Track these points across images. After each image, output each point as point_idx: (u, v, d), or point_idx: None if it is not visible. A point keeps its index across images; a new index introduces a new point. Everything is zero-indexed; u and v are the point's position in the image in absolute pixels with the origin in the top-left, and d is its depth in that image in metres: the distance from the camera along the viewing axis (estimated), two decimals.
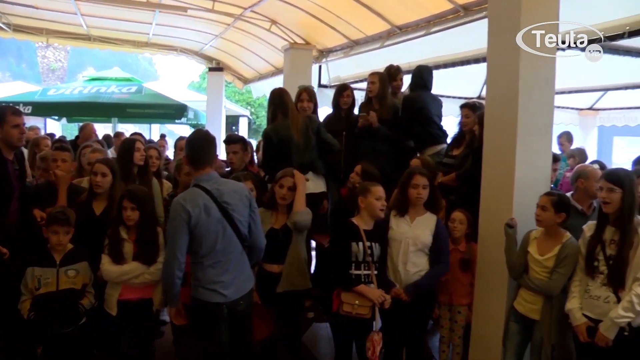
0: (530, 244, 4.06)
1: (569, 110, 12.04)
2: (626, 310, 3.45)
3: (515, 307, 4.14)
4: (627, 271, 3.53)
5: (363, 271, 4.07)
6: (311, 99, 5.79)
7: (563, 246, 3.90)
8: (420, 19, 7.02)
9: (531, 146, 4.31)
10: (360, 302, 3.99)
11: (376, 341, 3.99)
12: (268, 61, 12.04)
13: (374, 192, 4.12)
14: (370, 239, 4.11)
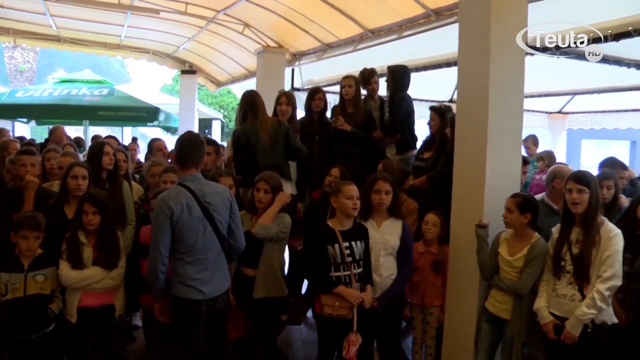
0: (500, 245, 4.15)
1: (539, 114, 12.24)
2: (589, 307, 3.58)
3: (487, 307, 4.20)
4: (590, 270, 3.65)
5: (342, 272, 4.07)
6: (290, 103, 5.82)
7: (532, 246, 4.00)
8: (392, 23, 7.07)
9: (501, 149, 4.38)
10: (340, 303, 4.02)
11: (352, 341, 4.01)
12: (241, 64, 12.01)
13: (345, 191, 4.12)
14: (349, 239, 4.12)
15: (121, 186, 4.90)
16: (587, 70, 6.85)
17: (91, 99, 11.67)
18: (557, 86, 9.55)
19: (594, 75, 7.84)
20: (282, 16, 8.61)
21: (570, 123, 12.55)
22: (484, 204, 4.31)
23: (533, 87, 9.06)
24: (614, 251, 3.60)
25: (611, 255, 3.59)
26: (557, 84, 9.31)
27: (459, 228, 4.60)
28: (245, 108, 5.44)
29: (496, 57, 4.32)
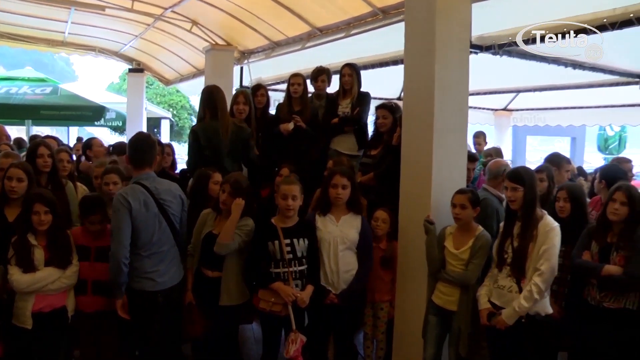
0: (446, 239, 4.25)
1: (485, 111, 12.55)
2: (527, 300, 3.73)
3: (433, 300, 4.28)
4: (527, 263, 3.80)
5: (281, 269, 4.10)
6: (247, 102, 5.73)
7: (476, 239, 4.12)
8: (340, 21, 7.12)
9: (447, 145, 4.46)
10: (275, 299, 4.06)
11: (292, 340, 4.03)
12: (189, 62, 11.87)
13: (282, 190, 4.16)
14: (291, 236, 4.14)
15: (63, 187, 4.77)
16: (530, 68, 7.02)
17: (33, 98, 11.33)
18: (502, 84, 9.79)
19: (536, 74, 8.04)
20: (231, 14, 8.55)
21: (515, 120, 12.93)
22: (431, 200, 4.39)
23: (479, 84, 9.29)
24: (550, 245, 3.75)
25: (548, 249, 3.74)
26: (502, 82, 9.54)
27: (407, 224, 4.67)
28: (204, 106, 5.36)
29: (441, 55, 4.39)
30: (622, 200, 3.88)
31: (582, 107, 11.33)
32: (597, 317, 3.89)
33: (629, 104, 9.83)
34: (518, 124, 13.23)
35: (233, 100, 5.78)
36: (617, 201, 3.90)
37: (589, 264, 3.96)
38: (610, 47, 6.13)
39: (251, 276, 4.24)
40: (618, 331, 3.80)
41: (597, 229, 4.06)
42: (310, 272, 4.20)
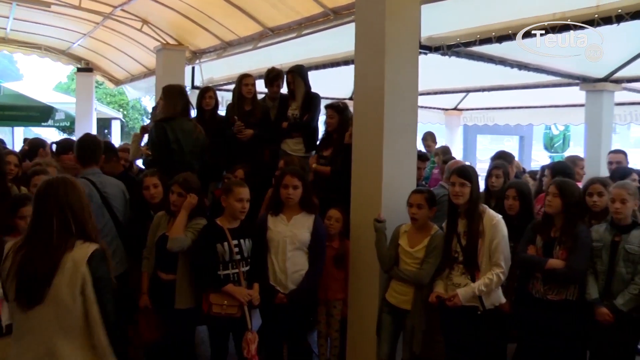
0: (400, 238, 4.28)
1: (436, 110, 12.77)
2: (486, 286, 3.89)
3: (387, 299, 4.33)
4: (479, 258, 3.92)
5: (231, 270, 4.09)
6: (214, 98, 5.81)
7: (432, 238, 4.18)
8: (291, 21, 7.13)
9: (397, 145, 4.51)
10: (228, 302, 4.04)
11: (250, 340, 4.03)
12: (140, 62, 11.69)
13: (236, 193, 4.13)
14: (237, 237, 4.14)
15: (9, 192, 4.63)
16: (478, 69, 7.18)
17: None
18: (452, 84, 9.96)
19: (484, 74, 8.21)
20: (182, 13, 8.46)
21: (465, 119, 13.21)
22: (381, 199, 4.43)
23: (430, 84, 9.44)
24: (501, 237, 3.90)
25: (500, 242, 3.89)
26: (452, 82, 9.71)
27: (359, 222, 4.71)
28: (175, 102, 5.36)
29: (391, 55, 4.43)
30: (555, 192, 4.05)
31: (529, 107, 11.68)
32: (541, 309, 4.05)
33: (572, 104, 10.14)
34: (468, 123, 13.53)
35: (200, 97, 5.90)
36: (551, 194, 4.08)
37: (533, 259, 4.11)
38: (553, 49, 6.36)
39: (201, 281, 4.17)
40: (560, 321, 3.98)
41: (541, 224, 4.22)
42: (254, 272, 4.21)
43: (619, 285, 3.97)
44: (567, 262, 3.95)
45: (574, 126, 11.83)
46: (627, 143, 38.71)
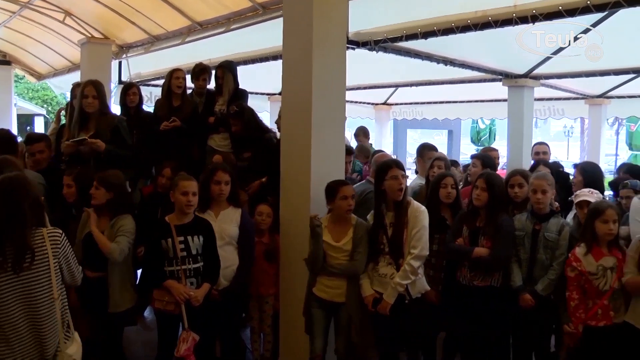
0: (322, 233, 4.28)
1: (366, 105, 12.93)
2: (402, 278, 3.98)
3: (317, 294, 4.32)
4: (405, 249, 4.02)
5: (175, 267, 4.03)
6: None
7: (355, 228, 4.23)
8: (220, 15, 7.04)
9: (325, 139, 4.55)
10: (169, 298, 3.99)
11: (183, 339, 3.98)
12: (64, 56, 11.22)
13: (181, 186, 4.07)
14: (185, 233, 4.07)
15: None
16: (407, 64, 7.31)
17: None
18: (381, 79, 10.10)
19: (413, 69, 8.37)
20: (107, 5, 8.18)
21: (395, 114, 13.46)
22: (310, 193, 4.46)
23: (359, 79, 9.55)
24: (420, 227, 4.01)
25: (418, 231, 3.99)
26: (381, 77, 9.84)
27: (288, 217, 4.73)
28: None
29: (318, 50, 4.46)
30: (483, 186, 4.22)
31: (456, 101, 12.02)
32: (468, 295, 4.24)
33: (496, 99, 10.48)
34: (397, 118, 13.80)
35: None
36: (479, 187, 4.24)
37: (461, 248, 4.28)
38: (477, 46, 6.58)
39: (145, 275, 4.15)
40: (486, 306, 4.17)
41: (467, 214, 4.39)
42: (207, 270, 4.15)
43: (540, 271, 4.20)
44: (492, 251, 4.15)
45: (499, 120, 12.25)
46: (547, 136, 40.45)
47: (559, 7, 4.51)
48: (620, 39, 6.20)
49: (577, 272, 3.96)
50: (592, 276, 3.91)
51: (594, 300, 3.94)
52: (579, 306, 3.96)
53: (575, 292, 3.98)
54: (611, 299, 3.90)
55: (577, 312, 3.96)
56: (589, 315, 3.94)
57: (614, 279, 3.88)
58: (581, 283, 3.97)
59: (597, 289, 3.91)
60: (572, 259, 4.00)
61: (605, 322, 3.91)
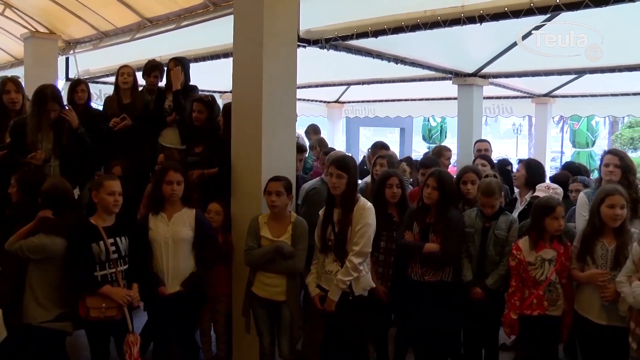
0: (261, 229, 4.28)
1: (318, 103, 12.97)
2: (344, 275, 3.99)
3: (256, 293, 4.31)
4: (348, 246, 4.04)
5: (108, 271, 3.94)
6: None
7: (294, 225, 4.26)
8: (170, 12, 6.94)
9: (276, 137, 4.57)
10: (107, 304, 3.87)
11: (132, 342, 3.91)
12: (5, 50, 10.83)
13: (107, 186, 3.97)
14: (113, 235, 3.99)
15: None
16: (359, 62, 7.35)
17: None
18: (333, 77, 10.13)
19: (365, 67, 8.43)
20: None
21: (347, 112, 13.55)
22: (261, 190, 4.42)
23: (311, 77, 9.57)
24: (364, 223, 4.02)
25: (361, 228, 4.01)
26: (333, 75, 9.88)
27: (239, 215, 4.72)
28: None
29: (269, 48, 4.47)
30: (434, 185, 4.30)
31: (408, 99, 12.19)
32: (419, 291, 4.31)
33: (446, 97, 10.67)
34: (350, 116, 13.89)
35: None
36: (430, 186, 4.31)
37: (412, 244, 4.34)
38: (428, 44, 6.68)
39: (75, 284, 3.93)
40: (437, 300, 4.25)
41: (418, 211, 4.46)
42: (133, 272, 4.08)
43: (490, 266, 4.33)
44: (441, 246, 4.23)
45: (450, 118, 12.46)
46: (497, 134, 41.50)
47: (504, 9, 4.62)
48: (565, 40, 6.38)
49: (517, 261, 4.11)
50: (530, 266, 4.07)
51: (530, 290, 4.10)
52: (515, 293, 4.13)
53: (514, 280, 4.15)
54: (546, 291, 4.06)
55: (513, 299, 4.13)
56: (525, 304, 4.10)
57: (551, 271, 4.04)
58: (520, 272, 4.12)
59: (534, 279, 4.07)
60: (514, 248, 4.16)
61: (539, 312, 4.08)
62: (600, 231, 3.97)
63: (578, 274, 4.04)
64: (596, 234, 3.98)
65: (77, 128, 4.99)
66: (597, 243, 3.96)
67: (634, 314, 3.68)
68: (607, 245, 3.93)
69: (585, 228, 4.09)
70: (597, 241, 3.96)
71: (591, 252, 3.97)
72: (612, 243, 3.92)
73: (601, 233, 3.97)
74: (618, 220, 3.87)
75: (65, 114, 4.94)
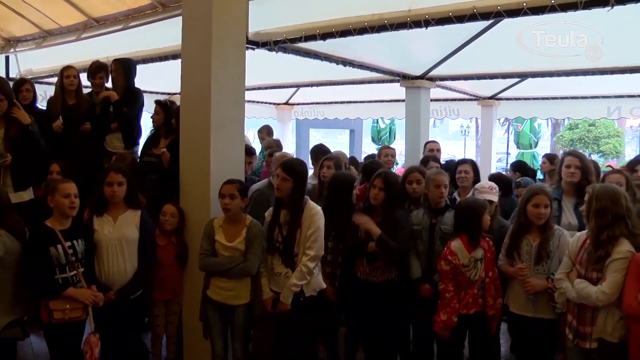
0: (216, 233, 4.27)
1: (268, 105, 12.96)
2: (298, 279, 4.02)
3: (210, 296, 4.30)
4: (296, 248, 4.07)
5: (69, 273, 3.89)
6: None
7: (249, 228, 4.24)
8: (118, 12, 6.81)
9: (225, 138, 4.56)
10: (71, 305, 3.84)
11: (93, 343, 3.87)
12: None
13: (62, 189, 3.93)
14: (70, 238, 3.94)
15: None
16: (308, 64, 7.39)
17: None
18: (283, 79, 10.15)
19: (314, 70, 8.47)
20: None
21: (297, 113, 13.59)
22: (210, 192, 4.45)
23: (261, 79, 9.56)
24: (316, 228, 4.06)
25: (314, 232, 4.04)
26: (283, 77, 9.89)
27: (189, 216, 4.70)
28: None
29: (217, 50, 4.47)
30: (380, 186, 4.39)
31: (357, 101, 12.31)
32: (367, 290, 4.39)
33: (395, 99, 10.83)
34: (299, 118, 13.95)
35: None
36: (377, 187, 4.40)
37: (357, 243, 4.42)
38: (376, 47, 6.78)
39: (37, 289, 3.88)
40: (386, 300, 4.35)
41: (364, 211, 4.53)
42: (89, 273, 4.03)
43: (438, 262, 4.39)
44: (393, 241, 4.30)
45: (399, 120, 12.64)
46: (446, 135, 42.32)
47: (449, 14, 4.75)
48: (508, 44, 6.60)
49: (452, 265, 4.22)
50: (465, 268, 4.21)
51: (466, 291, 4.23)
52: (453, 297, 4.22)
53: (450, 285, 4.24)
54: (480, 288, 4.23)
55: (452, 303, 4.22)
56: (462, 304, 4.22)
57: (482, 269, 4.21)
58: (456, 275, 4.23)
59: (469, 279, 4.22)
60: (448, 252, 4.26)
61: (475, 309, 4.23)
62: (526, 228, 4.21)
63: (508, 268, 4.26)
64: (522, 231, 4.21)
65: (28, 125, 4.93)
66: (523, 240, 4.20)
67: (571, 307, 3.88)
68: (531, 241, 4.17)
69: (513, 225, 4.33)
70: (523, 238, 4.20)
71: (518, 249, 4.21)
72: (536, 239, 4.16)
73: (527, 230, 4.21)
74: (542, 218, 4.11)
75: (13, 113, 4.86)
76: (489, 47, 6.72)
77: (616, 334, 3.64)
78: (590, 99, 9.70)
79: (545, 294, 4.09)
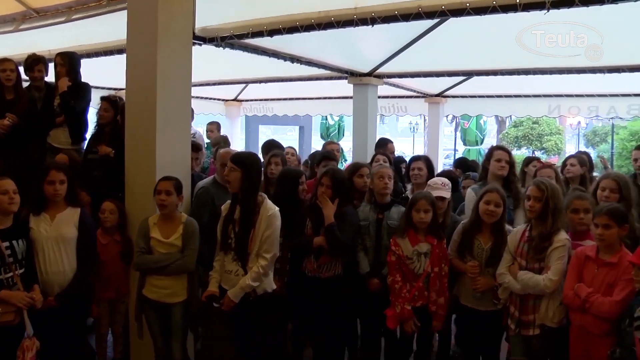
0: (151, 230, 4.25)
1: (216, 101, 12.85)
2: (254, 280, 3.96)
3: (147, 295, 4.27)
4: (250, 247, 4.00)
5: (5, 275, 3.75)
6: None
7: (185, 226, 4.25)
8: (60, 3, 6.59)
9: (170, 135, 4.53)
10: (3, 308, 3.70)
11: (27, 347, 3.74)
12: None
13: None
14: (9, 238, 3.81)
15: None
16: (257, 61, 7.36)
17: None
18: (231, 75, 10.08)
19: (262, 66, 8.43)
20: None
21: (245, 110, 13.52)
22: None
23: (209, 75, 9.47)
24: (273, 229, 4.00)
25: (271, 234, 3.99)
26: (231, 73, 9.82)
27: (134, 213, 4.64)
28: None
29: (163, 45, 4.43)
30: (328, 183, 4.43)
31: (306, 98, 12.32)
32: (315, 287, 4.44)
33: (343, 96, 10.87)
34: (248, 114, 13.88)
35: None
36: (324, 185, 4.44)
37: (301, 240, 4.46)
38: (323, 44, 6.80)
39: None
40: (333, 295, 4.41)
41: (310, 208, 4.57)
42: (29, 274, 3.92)
43: (386, 256, 4.48)
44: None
45: (347, 116, 12.72)
46: (395, 132, 42.84)
47: (395, 12, 4.81)
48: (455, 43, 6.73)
49: (397, 256, 4.32)
50: (408, 260, 4.31)
51: (412, 283, 4.33)
52: (402, 288, 4.32)
53: (398, 275, 4.34)
54: (425, 282, 4.32)
55: (402, 293, 4.32)
56: (409, 297, 4.32)
57: (427, 264, 4.31)
58: (400, 266, 4.34)
59: (413, 272, 4.32)
60: (393, 244, 4.37)
61: (421, 302, 4.34)
62: (478, 227, 4.32)
63: (459, 264, 4.38)
64: (474, 230, 4.32)
65: None
66: (474, 241, 4.31)
67: (514, 299, 4.03)
68: (482, 244, 4.29)
69: (465, 223, 4.43)
70: (474, 239, 4.31)
71: (469, 248, 4.32)
72: (488, 243, 4.28)
73: (479, 230, 4.32)
74: (492, 216, 4.22)
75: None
76: (436, 45, 6.82)
77: (555, 319, 3.85)
78: (532, 98, 9.97)
79: (491, 289, 4.23)
